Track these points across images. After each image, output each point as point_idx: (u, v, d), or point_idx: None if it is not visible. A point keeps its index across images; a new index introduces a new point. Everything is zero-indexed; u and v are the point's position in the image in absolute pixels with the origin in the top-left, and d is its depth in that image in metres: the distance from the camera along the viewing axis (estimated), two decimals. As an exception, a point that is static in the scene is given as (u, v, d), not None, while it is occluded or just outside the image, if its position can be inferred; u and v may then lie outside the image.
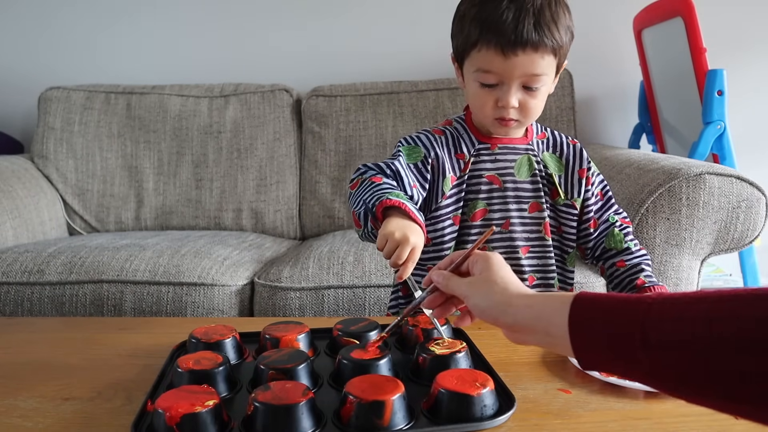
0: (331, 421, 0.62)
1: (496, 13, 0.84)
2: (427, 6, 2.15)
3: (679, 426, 0.61)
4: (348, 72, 2.14)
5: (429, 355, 0.72)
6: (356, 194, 0.86)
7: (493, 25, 0.84)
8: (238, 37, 2.20)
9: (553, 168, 0.99)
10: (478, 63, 0.88)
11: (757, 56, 2.11)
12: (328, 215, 1.95)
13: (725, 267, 2.10)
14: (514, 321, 0.57)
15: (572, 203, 0.99)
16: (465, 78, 0.93)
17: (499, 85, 0.88)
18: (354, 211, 0.86)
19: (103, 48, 2.22)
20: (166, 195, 1.98)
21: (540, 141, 1.00)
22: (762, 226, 1.31)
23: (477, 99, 0.91)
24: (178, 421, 0.58)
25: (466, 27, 0.88)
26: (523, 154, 0.97)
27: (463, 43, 0.90)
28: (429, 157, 0.95)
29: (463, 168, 0.96)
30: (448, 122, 1.01)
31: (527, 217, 0.97)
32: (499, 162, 0.96)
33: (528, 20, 0.84)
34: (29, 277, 1.43)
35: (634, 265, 0.97)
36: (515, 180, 0.96)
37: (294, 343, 0.79)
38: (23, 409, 0.67)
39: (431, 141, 0.96)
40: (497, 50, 0.85)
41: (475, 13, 0.87)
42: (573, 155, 1.00)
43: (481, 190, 0.96)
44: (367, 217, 0.82)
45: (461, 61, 0.93)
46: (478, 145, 0.97)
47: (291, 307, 1.37)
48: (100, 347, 0.86)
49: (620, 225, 1.01)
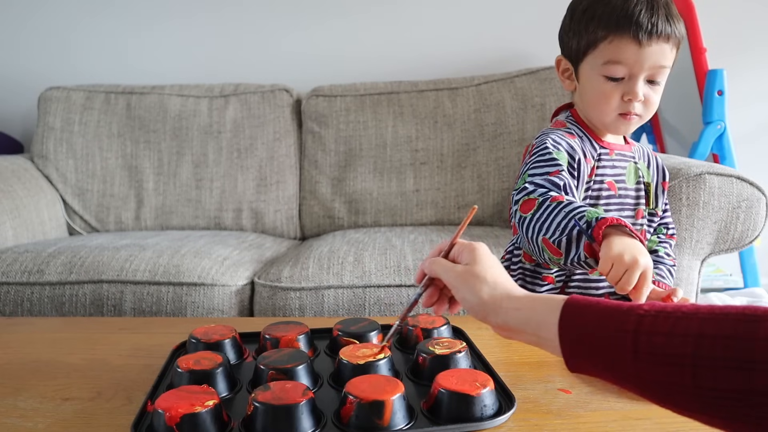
0: (331, 421, 0.62)
1: (628, 5, 0.86)
2: (427, 6, 2.15)
3: (679, 426, 0.61)
4: (348, 72, 2.14)
5: (429, 355, 0.72)
6: (541, 218, 0.80)
7: (627, 16, 0.85)
8: (238, 37, 2.20)
9: (647, 177, 1.00)
10: (608, 55, 0.87)
11: (757, 56, 2.11)
12: (328, 215, 1.95)
13: (725, 267, 2.10)
14: (503, 322, 0.57)
15: (656, 212, 1.01)
16: (584, 76, 0.92)
17: (625, 79, 0.88)
18: (546, 238, 0.78)
19: (103, 48, 2.22)
20: (166, 195, 1.98)
21: (635, 149, 1.01)
22: (762, 226, 1.31)
23: (601, 94, 0.90)
24: (178, 421, 0.58)
25: (593, 22, 0.88)
26: (630, 161, 0.98)
27: (587, 39, 0.89)
28: (573, 163, 0.91)
29: (590, 173, 0.94)
30: (562, 124, 0.98)
31: (635, 224, 0.98)
32: (616, 168, 0.96)
33: (660, 11, 0.85)
34: (29, 277, 1.43)
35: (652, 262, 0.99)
36: (626, 187, 0.97)
37: (294, 343, 0.79)
38: (23, 409, 0.67)
39: (571, 145, 0.92)
40: (633, 39, 0.85)
41: (603, 8, 0.87)
42: (657, 167, 1.03)
43: (601, 195, 0.94)
44: (578, 242, 0.75)
45: (579, 59, 0.92)
46: (600, 150, 0.96)
47: (291, 307, 1.37)
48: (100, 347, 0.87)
49: (662, 236, 1.04)
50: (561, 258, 0.78)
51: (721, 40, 1.94)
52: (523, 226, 0.82)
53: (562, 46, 0.96)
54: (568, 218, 0.76)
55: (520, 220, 0.83)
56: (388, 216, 1.92)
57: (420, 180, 1.91)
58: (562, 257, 0.77)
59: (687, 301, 0.88)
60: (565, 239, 0.76)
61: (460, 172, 1.90)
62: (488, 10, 2.15)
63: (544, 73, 1.93)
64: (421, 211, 1.91)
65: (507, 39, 2.15)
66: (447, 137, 1.92)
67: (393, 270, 1.38)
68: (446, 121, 1.93)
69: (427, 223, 1.90)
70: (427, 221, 1.91)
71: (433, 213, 1.90)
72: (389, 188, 1.92)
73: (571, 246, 0.76)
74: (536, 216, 0.80)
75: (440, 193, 1.90)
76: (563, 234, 0.76)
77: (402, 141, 1.93)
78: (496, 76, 1.98)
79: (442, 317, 0.84)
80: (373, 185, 1.93)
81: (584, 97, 0.94)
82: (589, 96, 0.93)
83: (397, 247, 1.49)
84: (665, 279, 0.98)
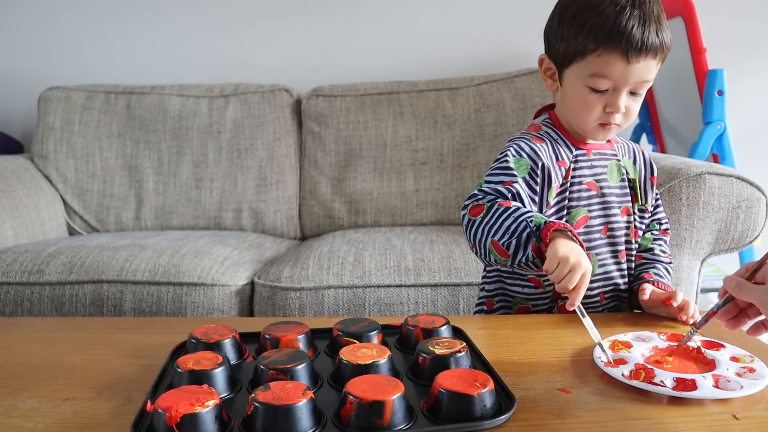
0: (331, 421, 0.62)
1: (620, 18, 0.84)
2: (427, 6, 2.16)
3: (679, 426, 0.60)
4: (348, 72, 2.14)
5: (429, 355, 0.72)
6: (489, 222, 0.83)
7: (620, 31, 0.83)
8: (238, 37, 2.20)
9: (633, 173, 1.00)
10: (595, 68, 0.86)
11: (758, 56, 2.11)
12: (328, 215, 1.95)
13: (725, 267, 2.10)
14: None
15: (645, 208, 1.01)
16: (567, 82, 0.92)
17: (609, 91, 0.88)
18: (495, 240, 0.82)
19: (103, 48, 2.22)
20: (166, 195, 1.98)
21: (618, 147, 1.01)
22: (762, 226, 1.31)
23: (583, 104, 0.90)
24: (178, 421, 0.58)
25: (583, 31, 0.86)
26: (612, 159, 0.98)
27: (575, 47, 0.88)
28: (537, 169, 0.91)
29: (565, 175, 0.94)
30: (536, 128, 0.98)
31: (622, 221, 0.98)
32: (595, 168, 0.97)
33: (651, 27, 0.84)
34: (29, 277, 1.43)
35: (648, 261, 1.00)
36: (609, 185, 0.97)
37: (294, 343, 0.79)
38: (23, 409, 0.67)
39: (536, 151, 0.92)
40: (621, 56, 0.84)
41: (595, 18, 0.85)
42: (644, 162, 1.03)
43: (581, 197, 0.95)
44: (526, 244, 0.79)
45: (564, 65, 0.91)
46: (576, 151, 0.96)
47: (291, 307, 1.37)
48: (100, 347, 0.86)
49: (656, 232, 1.05)
50: (508, 259, 0.82)
51: (721, 40, 1.93)
52: (472, 229, 0.86)
53: (548, 46, 0.95)
54: (517, 222, 0.80)
55: (469, 223, 0.87)
56: (388, 216, 1.92)
57: (420, 180, 1.91)
58: (509, 258, 0.81)
59: (688, 303, 0.88)
60: (515, 241, 0.80)
61: (460, 172, 1.90)
62: (488, 10, 2.15)
63: (544, 73, 1.93)
64: (421, 211, 1.91)
65: (507, 39, 2.15)
66: (447, 137, 1.92)
67: (393, 270, 1.38)
68: (446, 121, 1.93)
69: (427, 223, 1.90)
70: (427, 221, 1.91)
71: (433, 213, 1.90)
72: (389, 188, 1.92)
73: (519, 247, 0.80)
74: (485, 220, 0.84)
75: (440, 193, 1.90)
76: (512, 236, 0.80)
77: (402, 141, 1.93)
78: (496, 76, 1.98)
79: (442, 317, 0.83)
80: (373, 185, 1.93)
81: (566, 103, 0.94)
82: (570, 103, 0.93)
83: (397, 247, 1.49)
84: (663, 279, 0.98)
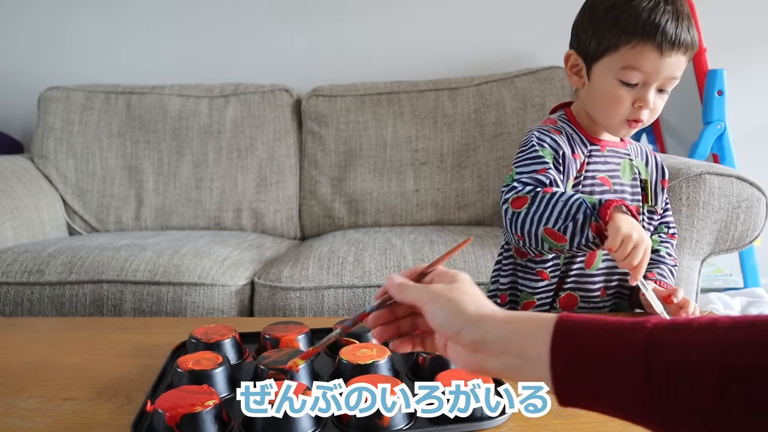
0: (331, 421, 0.62)
1: (655, 12, 0.85)
2: (427, 6, 2.15)
3: (679, 426, 0.60)
4: (348, 72, 2.13)
5: (429, 355, 0.72)
6: (538, 211, 0.83)
7: (655, 24, 0.84)
8: (238, 37, 2.20)
9: (644, 174, 1.01)
10: (628, 60, 0.87)
11: (758, 56, 2.11)
12: (328, 215, 1.95)
13: (725, 267, 2.10)
14: (481, 337, 0.47)
15: (655, 210, 1.02)
16: (596, 76, 0.91)
17: (639, 85, 0.88)
18: (548, 228, 0.82)
19: (103, 48, 2.22)
20: (166, 195, 1.98)
21: (631, 147, 1.02)
22: (762, 226, 1.31)
23: (613, 98, 0.89)
24: (178, 421, 0.58)
25: (618, 24, 0.87)
26: (625, 158, 0.99)
27: (608, 40, 0.88)
28: (558, 158, 0.92)
29: (579, 168, 0.95)
30: (552, 122, 0.98)
31: None
32: (609, 164, 0.97)
33: (684, 23, 0.85)
34: (29, 277, 1.43)
35: (653, 261, 1.00)
36: (622, 183, 0.97)
37: (294, 343, 0.79)
38: (23, 409, 0.67)
39: (556, 141, 0.93)
40: (655, 48, 0.85)
41: (630, 11, 0.86)
42: (656, 165, 1.03)
43: (594, 191, 0.95)
44: (583, 225, 0.79)
45: (594, 59, 0.91)
46: (591, 146, 0.97)
47: (291, 307, 1.37)
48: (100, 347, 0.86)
49: (663, 235, 1.05)
50: (565, 244, 0.82)
51: (721, 40, 1.94)
52: (518, 221, 0.85)
53: (577, 42, 0.94)
54: (569, 206, 0.80)
55: (513, 216, 0.86)
56: (388, 216, 1.92)
57: (420, 180, 1.91)
58: (566, 242, 0.81)
59: (688, 301, 0.88)
60: (571, 224, 0.80)
61: (460, 172, 1.90)
62: (488, 10, 2.15)
63: (544, 73, 1.93)
64: (421, 211, 1.91)
65: (507, 39, 2.15)
66: (447, 137, 1.92)
67: (393, 270, 1.38)
68: (446, 121, 1.93)
69: (427, 223, 1.90)
70: (427, 221, 1.91)
71: (433, 213, 1.90)
72: (389, 188, 1.92)
73: (576, 230, 0.80)
74: (532, 209, 0.84)
75: (440, 193, 1.90)
76: (567, 220, 0.80)
77: (402, 141, 1.93)
78: (496, 76, 1.98)
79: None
80: (373, 185, 1.93)
81: (593, 97, 0.93)
82: (599, 97, 0.92)
83: (397, 247, 1.49)
84: (666, 279, 0.99)
